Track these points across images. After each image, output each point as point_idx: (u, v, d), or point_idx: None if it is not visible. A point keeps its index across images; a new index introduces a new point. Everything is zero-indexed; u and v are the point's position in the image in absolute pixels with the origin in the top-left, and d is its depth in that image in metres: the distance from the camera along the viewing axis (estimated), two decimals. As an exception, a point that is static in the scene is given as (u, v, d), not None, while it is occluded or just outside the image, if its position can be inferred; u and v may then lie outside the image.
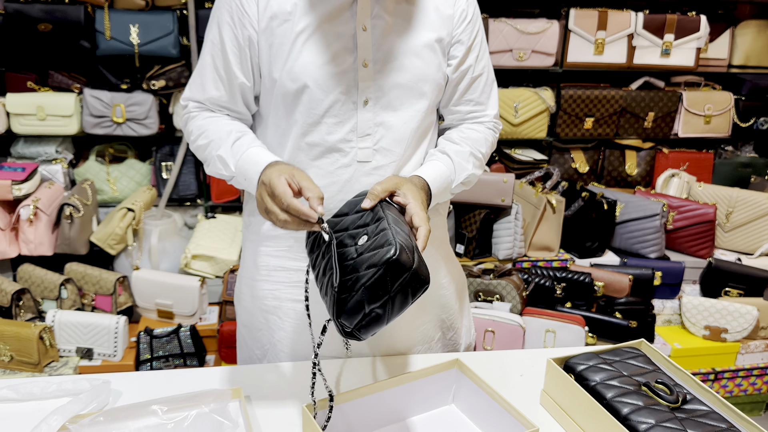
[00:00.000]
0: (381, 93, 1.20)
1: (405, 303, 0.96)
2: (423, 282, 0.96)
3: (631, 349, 1.27)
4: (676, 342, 2.59)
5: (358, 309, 0.94)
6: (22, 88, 2.63)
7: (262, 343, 1.35)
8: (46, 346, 2.20)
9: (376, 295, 0.94)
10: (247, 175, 1.13)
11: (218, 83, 1.22)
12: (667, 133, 3.09)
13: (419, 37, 1.21)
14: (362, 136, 1.20)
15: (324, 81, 1.17)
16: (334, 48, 1.17)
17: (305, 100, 1.18)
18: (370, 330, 0.96)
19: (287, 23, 1.16)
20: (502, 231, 2.71)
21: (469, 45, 1.27)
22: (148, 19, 2.57)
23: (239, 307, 1.40)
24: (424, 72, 1.22)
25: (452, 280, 1.42)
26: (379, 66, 1.19)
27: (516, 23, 2.79)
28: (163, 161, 2.81)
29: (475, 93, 1.31)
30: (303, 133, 1.20)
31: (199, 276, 2.53)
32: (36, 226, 2.46)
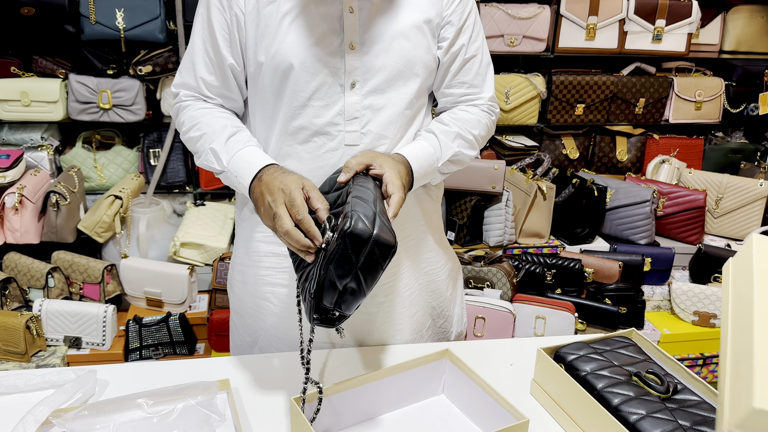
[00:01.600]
0: (368, 75, 1.18)
1: (376, 271, 0.96)
2: (388, 247, 0.96)
3: (622, 338, 1.27)
4: (666, 328, 2.60)
5: (332, 287, 0.94)
6: (6, 73, 2.59)
7: (253, 330, 1.35)
8: (33, 336, 2.18)
9: (343, 269, 0.94)
10: (239, 173, 1.12)
11: (210, 66, 1.21)
12: (657, 119, 3.09)
13: (407, 19, 1.19)
14: (349, 120, 1.19)
15: (310, 63, 1.15)
16: (320, 30, 1.15)
17: (291, 82, 1.16)
18: (352, 304, 0.97)
19: (272, 4, 1.15)
20: (492, 218, 2.71)
21: (460, 26, 1.25)
22: (135, 3, 2.53)
23: (231, 294, 1.39)
24: (412, 54, 1.20)
25: (445, 266, 1.41)
26: (367, 48, 1.17)
27: (507, 8, 2.76)
28: (151, 148, 2.77)
29: (468, 75, 1.29)
30: (290, 117, 1.18)
31: (188, 264, 2.51)
32: (21, 214, 2.43)
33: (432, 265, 1.37)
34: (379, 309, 1.31)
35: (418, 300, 1.35)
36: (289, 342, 1.31)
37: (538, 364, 1.22)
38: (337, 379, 1.20)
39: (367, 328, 1.32)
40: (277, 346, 1.33)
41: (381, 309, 1.31)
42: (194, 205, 2.75)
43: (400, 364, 1.15)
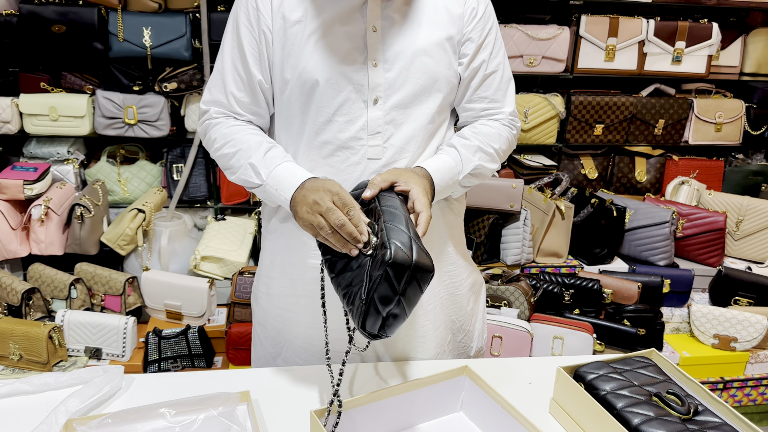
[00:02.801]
0: (391, 91, 1.21)
1: (416, 295, 1.00)
2: (427, 272, 1.00)
3: (642, 358, 1.27)
4: (685, 350, 2.57)
5: (376, 315, 0.98)
6: (36, 88, 2.65)
7: (276, 341, 1.37)
8: (55, 346, 2.21)
9: (387, 298, 0.97)
10: (279, 186, 1.15)
11: (239, 83, 1.25)
12: (677, 141, 3.08)
13: (429, 36, 1.22)
14: (372, 134, 1.21)
15: (335, 80, 1.19)
16: (344, 48, 1.19)
17: (317, 98, 1.20)
18: (394, 327, 1.01)
19: (299, 25, 1.19)
20: (510, 236, 2.71)
21: (480, 42, 1.28)
22: (161, 21, 2.59)
23: (255, 306, 1.42)
24: (434, 70, 1.23)
25: (466, 280, 1.42)
26: (389, 65, 1.20)
27: (527, 29, 2.79)
28: (174, 163, 2.82)
29: (489, 90, 1.31)
30: (315, 132, 1.22)
31: (208, 277, 2.53)
32: (47, 225, 2.48)
33: (453, 279, 1.38)
34: (406, 328, 1.32)
35: (440, 314, 1.36)
36: (314, 353, 1.33)
37: (558, 383, 1.21)
38: (357, 393, 1.21)
39: (389, 341, 1.33)
40: (302, 357, 1.34)
41: (407, 328, 1.32)
42: (215, 219, 2.79)
43: (420, 380, 1.16)
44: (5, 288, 2.34)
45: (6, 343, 2.21)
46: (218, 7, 2.62)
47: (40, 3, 2.50)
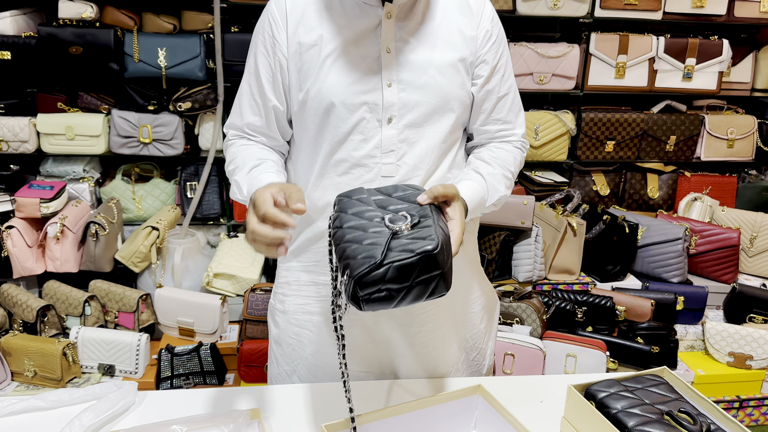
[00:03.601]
0: (405, 111, 1.23)
1: (418, 298, 0.99)
2: (444, 288, 0.99)
3: (653, 376, 1.26)
4: (700, 368, 2.54)
5: (376, 282, 0.95)
6: (53, 108, 2.70)
7: (291, 359, 1.38)
8: (69, 363, 2.23)
9: (399, 278, 0.96)
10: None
11: (255, 109, 1.29)
12: (689, 157, 3.07)
13: (442, 57, 1.24)
14: (386, 152, 1.23)
15: (350, 101, 1.21)
16: (359, 69, 1.21)
17: (332, 119, 1.22)
18: (375, 305, 0.97)
19: (314, 48, 1.22)
20: (522, 253, 2.71)
21: (494, 65, 1.30)
22: (176, 42, 2.64)
23: (272, 324, 1.43)
24: (447, 90, 1.24)
25: (479, 299, 1.42)
26: (403, 85, 1.22)
27: (537, 47, 2.81)
28: (188, 181, 2.85)
29: (502, 112, 1.33)
30: (331, 150, 1.24)
31: (220, 294, 2.55)
32: (62, 243, 2.51)
33: (467, 297, 1.39)
34: (414, 339, 1.32)
35: (452, 332, 1.37)
36: (328, 371, 1.34)
37: (569, 402, 1.21)
38: (369, 409, 1.21)
39: (403, 357, 1.34)
40: (317, 375, 1.35)
41: (416, 339, 1.33)
42: (227, 236, 2.81)
43: (433, 397, 1.16)
44: (21, 305, 2.37)
45: (21, 359, 2.23)
46: (232, 28, 2.66)
47: (58, 25, 2.56)
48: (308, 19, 1.22)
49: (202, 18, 2.69)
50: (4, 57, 2.54)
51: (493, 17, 1.31)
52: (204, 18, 2.68)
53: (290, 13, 1.23)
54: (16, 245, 2.47)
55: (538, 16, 2.77)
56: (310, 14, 1.23)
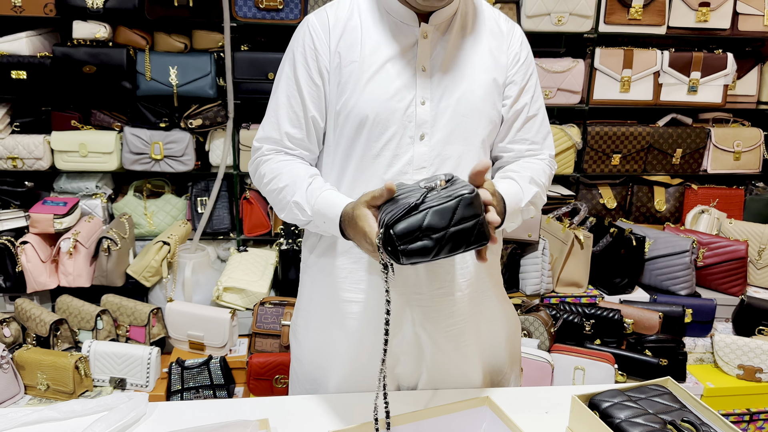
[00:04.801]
0: (437, 128, 1.26)
1: (457, 247, 1.00)
2: (484, 236, 1.01)
3: (657, 386, 1.27)
4: (709, 381, 2.54)
5: (414, 229, 0.98)
6: (66, 126, 2.76)
7: (313, 377, 1.39)
8: (81, 376, 2.26)
9: (437, 222, 0.98)
10: (325, 217, 1.18)
11: (294, 120, 1.29)
12: (695, 170, 3.08)
13: (474, 77, 1.28)
14: (418, 169, 1.26)
15: (384, 116, 1.24)
16: (395, 86, 1.25)
17: (366, 133, 1.25)
18: (413, 256, 0.99)
19: (354, 64, 1.25)
20: (529, 266, 2.72)
21: (523, 85, 1.33)
22: (187, 61, 2.69)
23: (294, 341, 1.44)
24: (478, 109, 1.28)
25: (504, 324, 1.43)
26: (436, 103, 1.26)
27: (541, 62, 2.84)
28: (199, 196, 2.89)
29: (530, 132, 1.36)
30: (365, 165, 1.26)
31: (230, 308, 2.58)
32: (75, 258, 2.55)
33: (490, 319, 1.40)
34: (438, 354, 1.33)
35: (477, 355, 1.38)
36: (353, 385, 1.34)
37: (573, 411, 1.22)
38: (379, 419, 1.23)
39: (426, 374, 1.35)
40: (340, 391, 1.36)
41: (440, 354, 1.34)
42: (237, 251, 2.85)
43: (440, 407, 1.18)
44: (34, 319, 2.41)
45: (34, 373, 2.26)
46: (242, 46, 2.72)
47: (72, 45, 2.62)
48: (349, 35, 1.26)
49: (212, 37, 2.74)
50: (20, 77, 2.61)
51: (522, 41, 1.36)
52: (214, 37, 2.74)
53: (333, 27, 1.27)
54: (30, 260, 2.51)
55: (542, 32, 2.81)
56: (351, 30, 1.27)
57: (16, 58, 2.60)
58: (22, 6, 2.58)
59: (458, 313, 1.32)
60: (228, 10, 2.63)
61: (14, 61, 2.59)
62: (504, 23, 1.34)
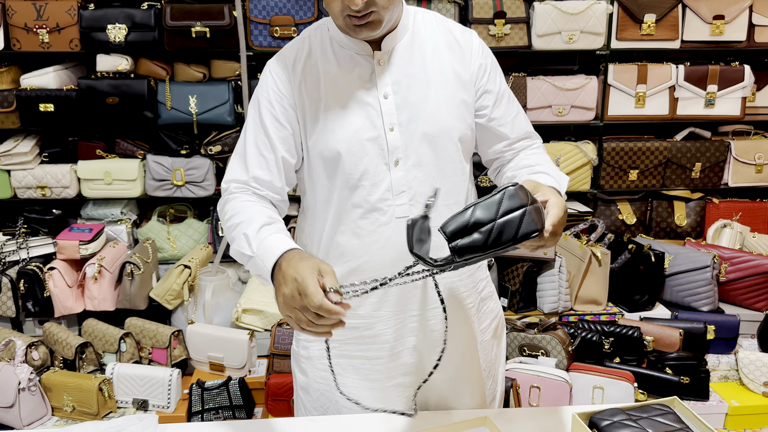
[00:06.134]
0: (409, 152, 1.28)
1: (508, 240, 1.01)
2: (533, 224, 1.01)
3: (662, 406, 1.26)
4: (734, 399, 2.48)
5: (463, 226, 1.00)
6: (92, 155, 2.87)
7: (321, 405, 1.39)
8: (105, 398, 2.32)
9: (483, 214, 1.00)
10: (264, 258, 1.13)
11: (262, 163, 1.28)
12: (716, 183, 3.04)
13: (439, 96, 1.29)
14: (397, 194, 1.28)
15: (356, 148, 1.26)
16: (361, 117, 1.27)
17: (341, 167, 1.27)
18: (466, 252, 1.01)
19: (318, 102, 1.28)
20: (546, 284, 2.71)
21: (497, 92, 1.36)
22: (206, 89, 2.78)
23: (297, 371, 1.44)
24: (448, 126, 1.29)
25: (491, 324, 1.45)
26: (405, 127, 1.27)
27: (554, 80, 2.85)
28: (219, 220, 2.96)
29: (520, 131, 1.39)
30: (345, 197, 1.28)
31: (249, 329, 2.62)
32: (100, 283, 2.64)
33: (487, 324, 1.43)
34: (444, 374, 1.35)
35: (476, 362, 1.40)
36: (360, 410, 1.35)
37: (573, 430, 1.22)
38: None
39: (434, 391, 1.37)
40: None
41: (446, 374, 1.35)
42: (256, 273, 2.90)
43: (437, 428, 1.19)
44: (61, 342, 2.49)
45: (60, 395, 2.34)
46: (257, 74, 2.79)
47: (96, 78, 2.74)
48: (309, 73, 1.29)
49: (229, 66, 2.83)
50: (47, 109, 2.73)
51: (482, 48, 1.36)
52: (232, 66, 2.83)
53: (293, 68, 1.29)
54: (57, 285, 2.61)
55: (554, 51, 2.82)
56: (310, 69, 1.29)
57: (44, 92, 2.72)
58: (50, 42, 2.71)
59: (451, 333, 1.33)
60: (244, 40, 2.72)
61: (42, 94, 2.72)
62: (460, 34, 1.34)
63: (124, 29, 2.68)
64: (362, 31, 1.20)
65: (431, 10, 2.72)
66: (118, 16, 2.68)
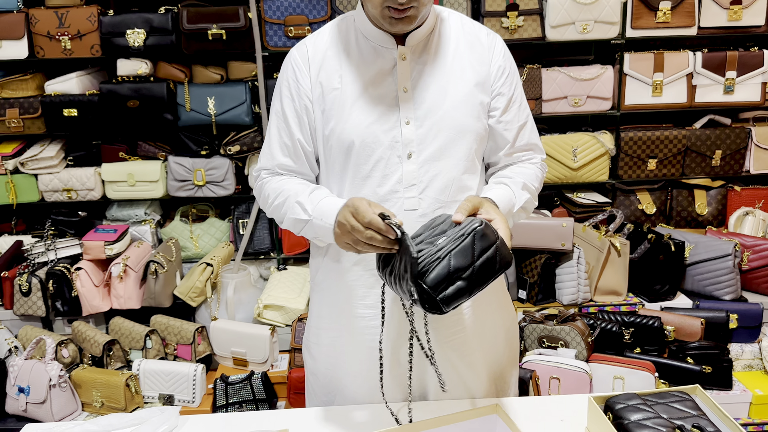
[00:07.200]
0: (423, 146, 1.30)
1: (487, 278, 1.06)
2: (506, 259, 1.06)
3: (681, 393, 1.26)
4: (758, 388, 2.45)
5: (444, 276, 1.03)
6: (115, 158, 2.94)
7: (329, 390, 1.44)
8: (132, 393, 2.39)
9: (462, 261, 1.04)
10: (324, 216, 1.24)
11: (285, 150, 1.37)
12: (738, 171, 3.00)
13: (456, 93, 1.32)
14: (408, 187, 1.30)
15: (370, 139, 1.29)
16: (379, 109, 1.30)
17: (354, 157, 1.30)
18: (454, 300, 1.05)
19: (336, 91, 1.31)
20: (564, 276, 2.70)
21: (510, 96, 1.37)
22: (223, 91, 2.83)
23: (307, 356, 1.49)
24: (463, 124, 1.32)
25: (502, 327, 1.46)
26: (420, 122, 1.30)
27: (569, 71, 2.84)
28: (240, 218, 3.02)
29: (523, 140, 1.40)
30: (357, 187, 1.32)
31: (270, 325, 2.67)
32: (125, 282, 2.70)
33: (493, 325, 1.43)
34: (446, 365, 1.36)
35: (482, 362, 1.41)
36: (365, 399, 1.39)
37: (590, 413, 1.24)
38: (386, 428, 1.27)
39: (436, 388, 1.39)
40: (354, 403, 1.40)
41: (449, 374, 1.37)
42: (277, 269, 2.95)
43: (449, 416, 1.21)
44: (89, 340, 2.56)
45: (89, 391, 2.40)
46: (274, 74, 2.84)
47: (117, 82, 2.80)
48: (329, 64, 1.33)
49: (246, 67, 2.87)
50: (71, 114, 2.80)
51: (505, 52, 1.39)
52: (248, 67, 2.87)
53: (312, 59, 1.33)
54: (84, 285, 2.68)
55: (568, 42, 2.81)
56: (330, 59, 1.33)
57: (68, 98, 2.80)
58: (72, 48, 2.77)
59: (461, 323, 1.35)
60: (259, 41, 2.76)
61: (66, 100, 2.79)
62: (485, 37, 1.37)
63: (143, 34, 2.74)
64: (398, 24, 1.24)
65: (443, 4, 2.75)
66: (136, 21, 2.74)
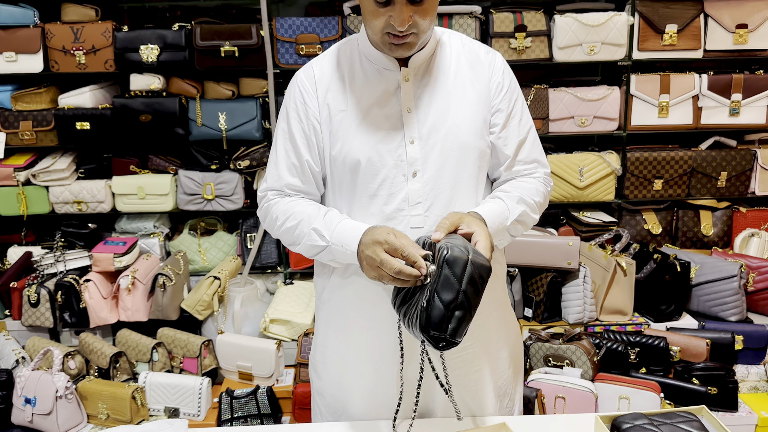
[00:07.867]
0: (427, 165, 1.33)
1: (477, 293, 1.10)
2: (485, 268, 1.10)
3: (687, 414, 1.27)
4: (764, 410, 2.45)
5: (439, 312, 1.08)
6: (126, 171, 2.97)
7: (335, 409, 1.44)
8: (137, 406, 2.39)
9: (448, 293, 1.07)
10: (344, 241, 1.25)
11: (293, 170, 1.37)
12: (743, 192, 3.02)
13: (459, 112, 1.35)
14: (413, 205, 1.33)
15: (376, 158, 1.32)
16: (383, 129, 1.32)
17: (360, 176, 1.33)
18: (459, 329, 1.09)
19: (342, 113, 1.34)
20: (570, 294, 2.71)
21: (509, 112, 1.39)
22: (234, 106, 2.87)
23: (313, 375, 1.50)
24: (466, 142, 1.34)
25: (506, 344, 1.47)
26: (424, 141, 1.33)
27: (576, 92, 2.87)
28: (249, 233, 3.04)
29: (524, 154, 1.42)
30: (363, 206, 1.34)
31: (276, 339, 2.68)
32: (133, 294, 2.72)
33: (497, 341, 1.45)
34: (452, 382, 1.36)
35: (489, 378, 1.42)
36: (372, 417, 1.39)
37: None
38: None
39: (442, 405, 1.39)
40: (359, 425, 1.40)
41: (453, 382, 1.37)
42: (284, 284, 2.96)
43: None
44: (96, 352, 2.58)
45: (95, 403, 2.41)
46: (284, 91, 2.86)
47: (129, 96, 2.84)
48: (335, 86, 1.36)
49: (257, 83, 2.91)
50: (84, 127, 2.84)
51: (504, 69, 1.41)
52: (259, 83, 2.91)
53: (319, 81, 1.36)
54: (92, 297, 2.70)
55: (575, 63, 2.85)
56: (336, 81, 1.36)
57: (81, 111, 2.84)
58: (86, 63, 2.82)
59: (466, 340, 1.36)
60: (271, 58, 2.80)
61: (79, 113, 2.83)
62: (484, 54, 1.40)
63: (157, 50, 2.79)
64: (398, 50, 1.27)
65: (453, 26, 2.79)
66: (150, 38, 2.78)
